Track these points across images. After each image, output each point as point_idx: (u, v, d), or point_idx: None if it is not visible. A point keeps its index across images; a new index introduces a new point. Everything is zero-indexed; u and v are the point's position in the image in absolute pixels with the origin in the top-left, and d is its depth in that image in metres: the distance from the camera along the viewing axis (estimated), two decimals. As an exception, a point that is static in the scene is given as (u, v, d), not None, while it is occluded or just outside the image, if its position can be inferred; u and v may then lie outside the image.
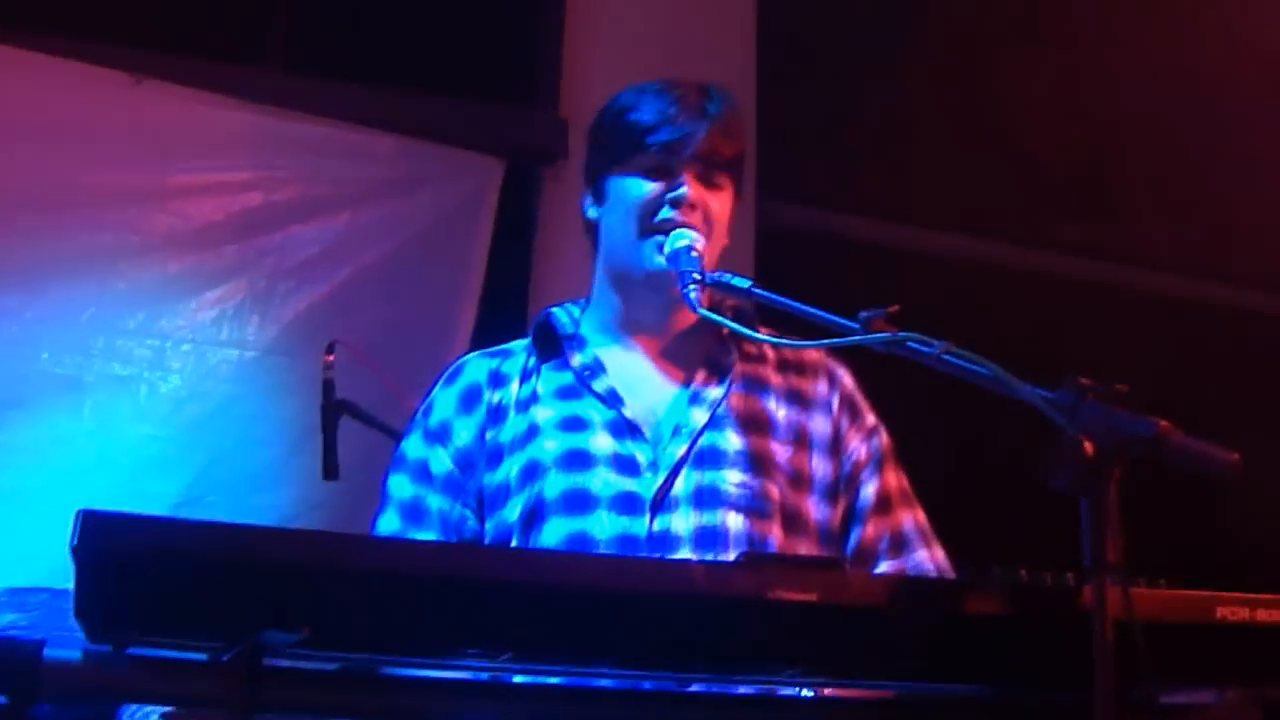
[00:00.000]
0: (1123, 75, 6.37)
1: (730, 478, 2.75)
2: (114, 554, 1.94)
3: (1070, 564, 2.14)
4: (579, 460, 2.76)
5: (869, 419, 2.94)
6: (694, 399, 2.84)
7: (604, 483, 2.73)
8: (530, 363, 2.91)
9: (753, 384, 2.89)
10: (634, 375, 2.88)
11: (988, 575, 2.23)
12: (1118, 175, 6.75)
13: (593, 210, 2.95)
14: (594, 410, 2.82)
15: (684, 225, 2.80)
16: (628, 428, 2.79)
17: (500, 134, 5.71)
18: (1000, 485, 4.93)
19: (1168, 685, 2.21)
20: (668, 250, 2.78)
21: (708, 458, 2.77)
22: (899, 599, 2.21)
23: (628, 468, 2.75)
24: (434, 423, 2.87)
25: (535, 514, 2.73)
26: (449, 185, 5.48)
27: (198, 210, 5.07)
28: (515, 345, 2.97)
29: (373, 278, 5.28)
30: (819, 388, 2.93)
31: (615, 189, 2.88)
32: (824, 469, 2.86)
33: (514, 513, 2.75)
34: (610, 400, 2.83)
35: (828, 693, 2.37)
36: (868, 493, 2.88)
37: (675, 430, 2.80)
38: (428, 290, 5.37)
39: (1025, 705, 2.26)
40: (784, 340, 2.75)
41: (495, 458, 2.82)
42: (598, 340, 2.92)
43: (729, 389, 2.86)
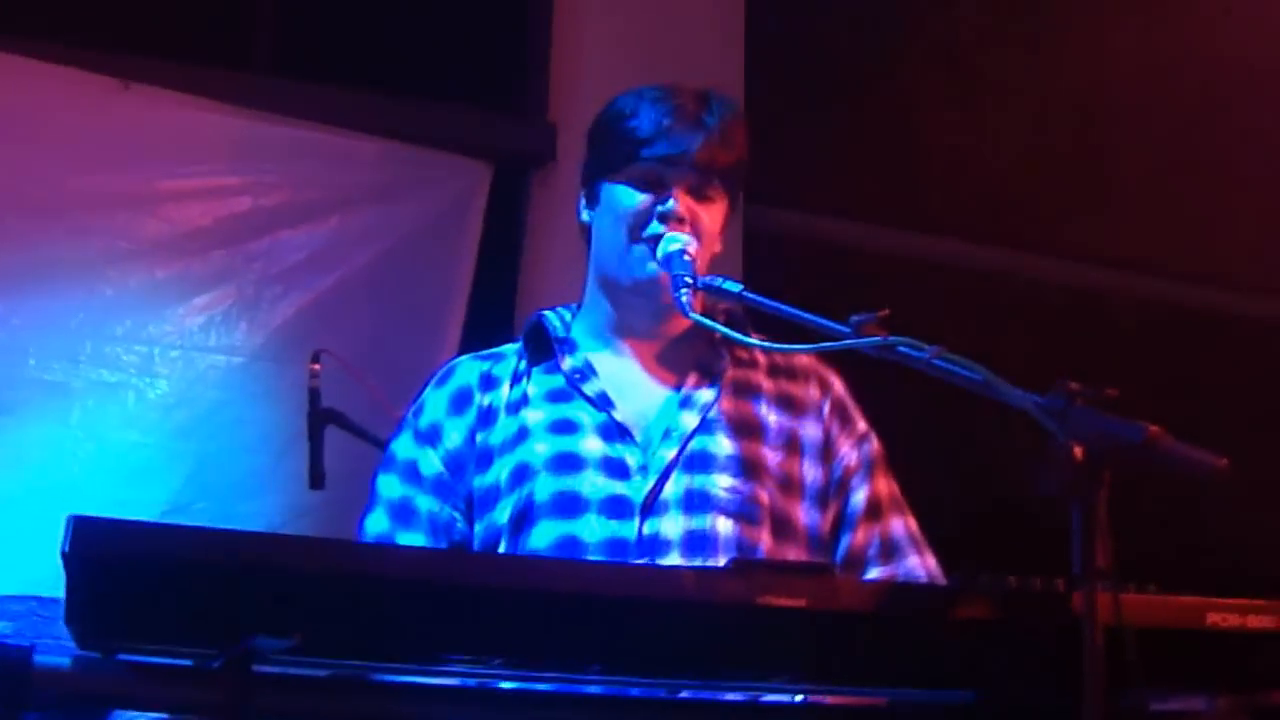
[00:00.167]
0: (1119, 76, 6.37)
1: (720, 482, 2.75)
2: (105, 560, 1.93)
3: (1060, 570, 2.14)
4: (569, 463, 2.76)
5: (860, 425, 2.94)
6: (685, 403, 2.83)
7: (593, 486, 2.73)
8: (521, 366, 2.90)
9: (744, 389, 2.89)
10: (625, 379, 2.88)
11: (976, 581, 2.23)
12: (1114, 178, 6.74)
13: (586, 214, 2.95)
14: (584, 413, 2.82)
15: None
16: (618, 431, 2.79)
17: (488, 138, 5.70)
18: (992, 491, 4.94)
19: (1158, 692, 2.21)
20: (660, 253, 2.77)
21: (698, 462, 2.77)
22: (888, 605, 2.21)
23: (617, 471, 2.75)
24: (424, 424, 2.87)
25: (525, 516, 2.73)
26: (437, 190, 5.47)
27: (186, 215, 5.05)
28: (507, 348, 2.97)
29: (361, 282, 5.27)
30: (810, 393, 2.92)
31: (607, 196, 2.87)
32: (814, 474, 2.86)
33: (503, 515, 2.75)
34: (600, 403, 2.82)
35: (817, 699, 2.37)
36: (858, 499, 2.87)
37: (666, 434, 2.79)
38: (416, 295, 5.36)
39: (1015, 712, 2.25)
40: (775, 345, 2.75)
41: (485, 460, 2.81)
42: (589, 344, 2.91)
43: (720, 393, 2.85)
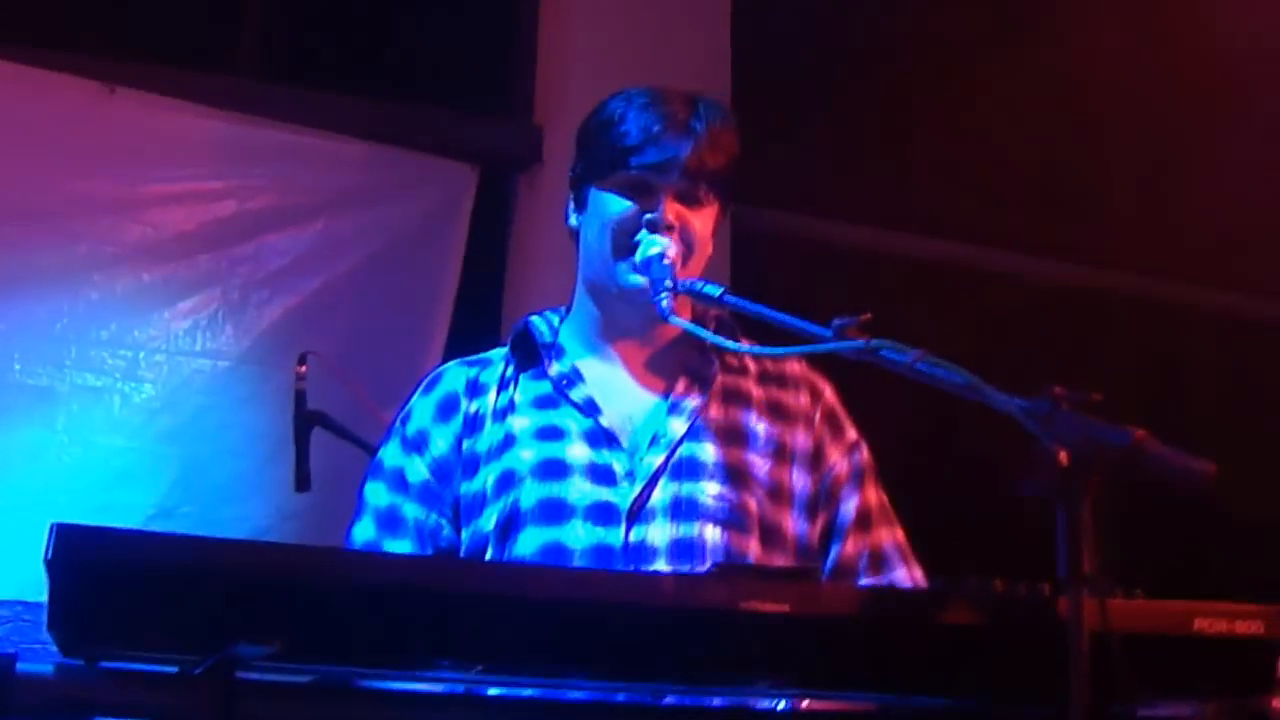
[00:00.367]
0: (1113, 77, 6.38)
1: (708, 489, 2.73)
2: (88, 567, 1.93)
3: (1046, 575, 2.13)
4: (555, 469, 2.74)
5: (850, 434, 2.92)
6: (673, 409, 2.82)
7: (580, 492, 2.72)
8: (508, 372, 2.88)
9: (733, 396, 2.87)
10: (612, 384, 2.86)
11: (962, 586, 2.22)
12: (1103, 178, 6.75)
13: (574, 218, 2.92)
14: (571, 419, 2.80)
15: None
16: (604, 436, 2.78)
17: (474, 141, 5.70)
18: (977, 495, 4.94)
19: (1145, 698, 2.21)
20: (639, 259, 2.75)
21: (686, 469, 2.75)
22: (872, 609, 2.21)
23: (604, 477, 2.74)
24: (411, 431, 2.86)
25: (511, 523, 2.72)
26: (423, 193, 5.47)
27: (171, 220, 5.05)
28: (494, 354, 2.95)
29: (347, 286, 5.27)
30: (801, 401, 2.90)
31: (595, 202, 2.85)
32: (804, 483, 2.84)
33: (489, 522, 2.74)
34: (587, 409, 2.80)
35: (802, 705, 2.36)
36: (848, 509, 2.86)
37: (653, 440, 2.78)
38: (402, 298, 5.36)
39: (1000, 718, 2.25)
40: (757, 349, 2.73)
41: (472, 467, 2.80)
42: (577, 349, 2.90)
43: (709, 399, 2.83)
